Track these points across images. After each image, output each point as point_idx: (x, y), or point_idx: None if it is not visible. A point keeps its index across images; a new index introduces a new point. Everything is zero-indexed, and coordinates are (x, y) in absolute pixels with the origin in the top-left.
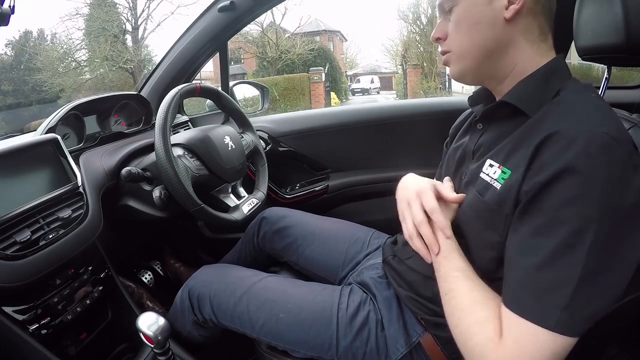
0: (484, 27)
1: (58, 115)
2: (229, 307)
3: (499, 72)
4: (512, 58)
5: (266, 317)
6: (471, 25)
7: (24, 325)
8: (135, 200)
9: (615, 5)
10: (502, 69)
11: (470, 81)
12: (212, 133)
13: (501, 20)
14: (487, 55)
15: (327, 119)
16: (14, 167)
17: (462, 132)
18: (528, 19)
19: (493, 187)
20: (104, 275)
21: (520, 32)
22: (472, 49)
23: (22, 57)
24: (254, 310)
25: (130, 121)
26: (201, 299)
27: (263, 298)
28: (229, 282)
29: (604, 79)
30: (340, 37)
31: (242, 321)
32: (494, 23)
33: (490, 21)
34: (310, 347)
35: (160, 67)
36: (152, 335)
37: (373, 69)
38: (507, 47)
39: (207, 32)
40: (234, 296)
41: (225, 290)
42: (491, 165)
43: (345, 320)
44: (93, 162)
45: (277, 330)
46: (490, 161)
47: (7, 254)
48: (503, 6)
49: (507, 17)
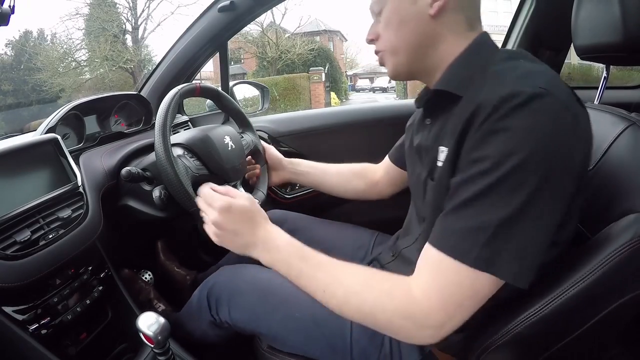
0: (411, 24)
1: (58, 115)
2: (247, 307)
3: (430, 65)
4: (440, 51)
5: (282, 316)
6: (399, 24)
7: (24, 325)
8: (135, 200)
9: (613, 5)
10: (432, 62)
11: (404, 77)
12: (212, 133)
13: (426, 17)
14: (416, 50)
15: (327, 119)
16: (14, 167)
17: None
18: (454, 14)
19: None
20: (104, 275)
21: (446, 26)
22: (402, 45)
23: (22, 57)
24: (271, 310)
25: (130, 121)
26: (219, 300)
27: (280, 297)
28: (248, 281)
29: (602, 78)
30: (340, 37)
31: (258, 321)
32: (420, 20)
33: (416, 18)
34: (325, 347)
35: (160, 67)
36: (152, 335)
37: (373, 69)
38: (435, 42)
39: (207, 32)
40: (251, 297)
41: (242, 291)
42: (442, 150)
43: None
44: (93, 162)
45: (292, 329)
46: (441, 147)
47: (7, 254)
48: (427, 3)
49: (432, 13)
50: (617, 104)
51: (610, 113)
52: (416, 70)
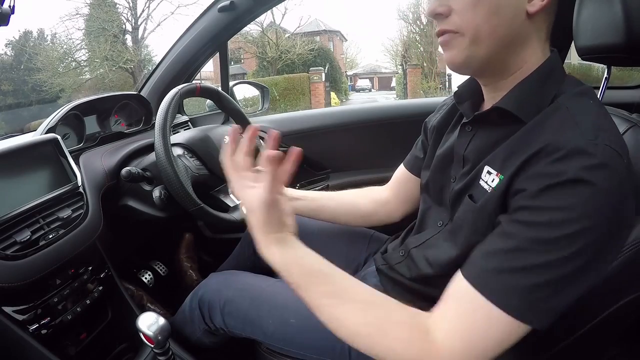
0: (506, 15)
1: (58, 115)
2: (240, 314)
3: (507, 69)
4: (523, 57)
5: (277, 322)
6: (492, 10)
7: (24, 325)
8: (135, 200)
9: (614, 5)
10: (512, 66)
11: (472, 72)
12: (212, 133)
13: (523, 12)
14: (501, 49)
15: (327, 119)
16: (14, 167)
17: (448, 131)
18: (545, 16)
19: (488, 193)
20: (103, 275)
21: (535, 30)
22: (489, 37)
23: (22, 57)
24: (265, 316)
25: (130, 121)
26: (212, 308)
27: (273, 303)
28: (239, 288)
29: (603, 78)
30: (340, 37)
31: (253, 328)
32: (516, 15)
33: (513, 12)
34: (322, 352)
35: (160, 67)
36: (152, 335)
37: (373, 69)
38: (522, 43)
39: (207, 32)
40: (244, 303)
41: (235, 297)
42: (489, 172)
43: None
44: (93, 162)
45: (288, 335)
46: (488, 168)
47: (7, 254)
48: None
49: (531, 11)
50: (618, 104)
51: (612, 114)
52: (490, 70)
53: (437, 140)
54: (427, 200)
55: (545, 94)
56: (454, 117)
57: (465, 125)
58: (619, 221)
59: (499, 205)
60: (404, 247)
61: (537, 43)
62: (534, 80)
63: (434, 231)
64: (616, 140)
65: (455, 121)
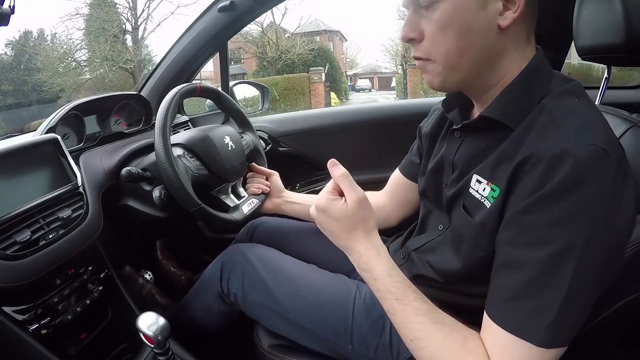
0: (476, 35)
1: (58, 115)
2: (257, 280)
3: (488, 83)
4: (501, 68)
5: (291, 293)
6: (461, 34)
7: (24, 325)
8: (135, 200)
9: (615, 5)
10: (492, 79)
11: (452, 91)
12: (212, 133)
13: (495, 27)
14: (476, 68)
15: (327, 119)
16: (14, 167)
17: (441, 138)
18: (520, 24)
19: (484, 206)
20: (104, 275)
21: (511, 40)
22: (461, 60)
23: (22, 57)
24: (280, 285)
25: (130, 121)
26: (233, 271)
27: (287, 275)
28: (261, 258)
29: (603, 78)
30: (340, 37)
31: (268, 295)
32: (488, 32)
33: (484, 30)
34: (327, 330)
35: (160, 67)
36: (152, 335)
37: (373, 69)
38: (498, 57)
39: (207, 32)
40: (263, 270)
41: (256, 264)
42: (479, 181)
43: (362, 310)
44: (93, 162)
45: (300, 307)
46: (477, 176)
47: (7, 254)
48: (497, 12)
49: (503, 25)
50: (618, 104)
51: (612, 115)
52: (469, 87)
53: (430, 148)
54: (427, 205)
55: (531, 96)
56: (446, 122)
57: (455, 131)
58: (611, 226)
59: (498, 222)
60: (405, 249)
61: (515, 51)
62: (518, 86)
63: (434, 234)
64: (602, 138)
65: (446, 128)
